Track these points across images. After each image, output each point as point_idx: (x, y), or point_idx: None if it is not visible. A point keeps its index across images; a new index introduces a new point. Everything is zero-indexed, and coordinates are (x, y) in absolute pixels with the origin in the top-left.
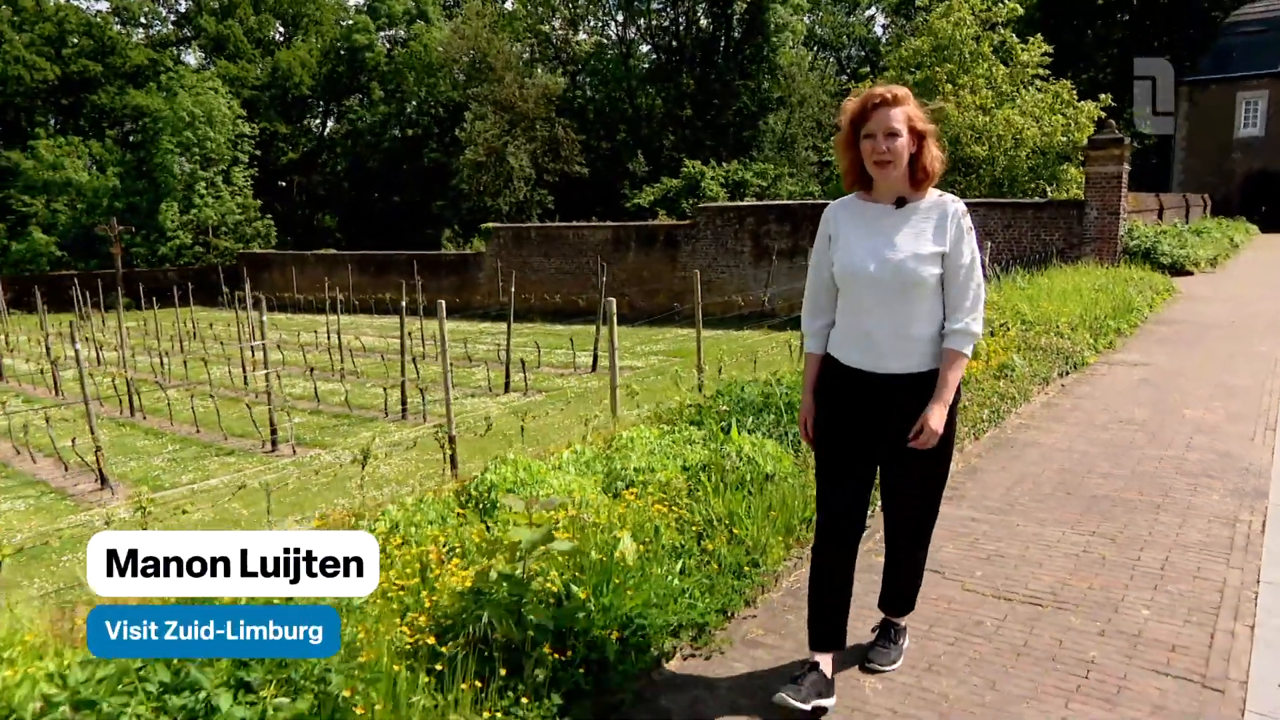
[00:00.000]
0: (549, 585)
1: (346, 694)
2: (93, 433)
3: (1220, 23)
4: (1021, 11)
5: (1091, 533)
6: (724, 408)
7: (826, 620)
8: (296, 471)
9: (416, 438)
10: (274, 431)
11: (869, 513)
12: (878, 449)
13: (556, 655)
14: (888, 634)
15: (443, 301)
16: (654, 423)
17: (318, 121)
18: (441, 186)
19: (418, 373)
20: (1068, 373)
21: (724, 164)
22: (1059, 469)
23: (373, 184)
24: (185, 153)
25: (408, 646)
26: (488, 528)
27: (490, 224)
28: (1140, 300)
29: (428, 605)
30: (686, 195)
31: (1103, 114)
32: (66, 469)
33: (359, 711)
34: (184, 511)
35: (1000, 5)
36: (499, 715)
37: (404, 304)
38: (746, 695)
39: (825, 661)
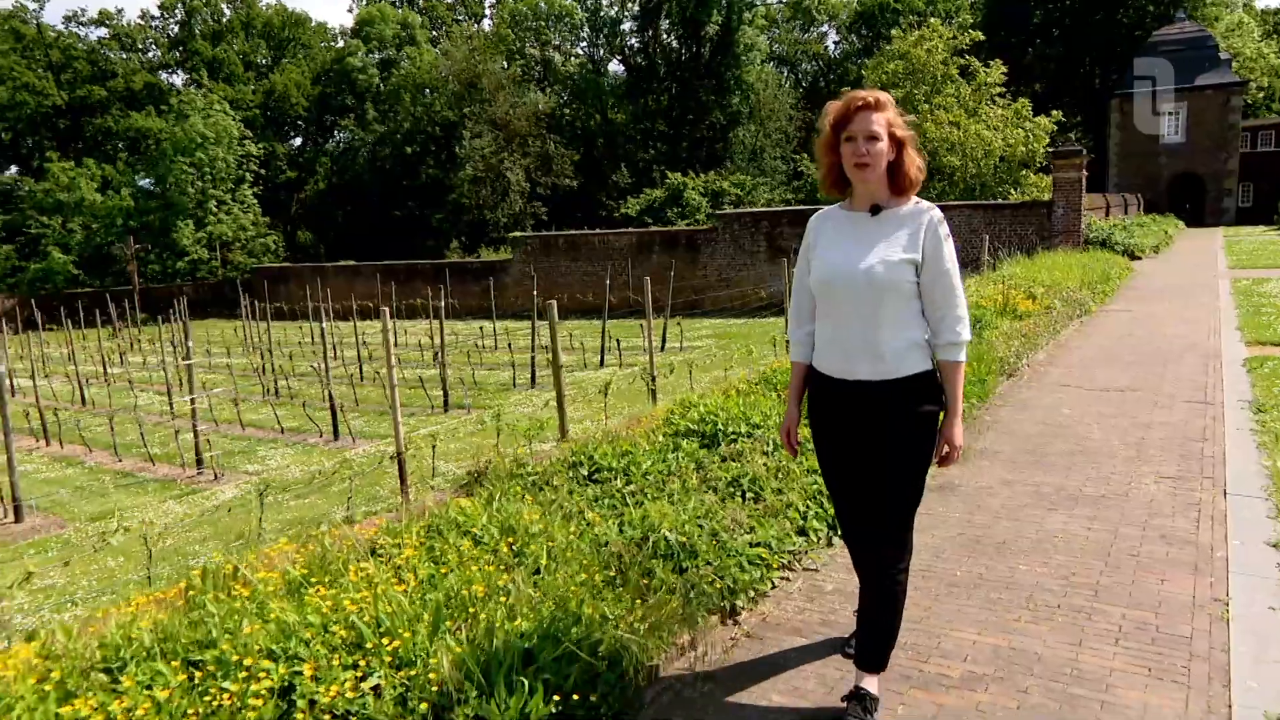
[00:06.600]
0: None
1: None
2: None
3: (1144, 42)
4: (983, 38)
5: (1134, 374)
6: None
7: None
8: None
9: (630, 375)
10: (446, 395)
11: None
12: (861, 456)
13: None
14: (861, 700)
15: (649, 278)
16: None
17: (310, 142)
18: (438, 201)
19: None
20: (1082, 316)
21: (701, 175)
22: (1102, 354)
23: (369, 199)
24: (197, 172)
25: None
26: None
27: (518, 233)
28: (1113, 273)
29: None
30: (670, 204)
31: (1054, 128)
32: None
33: None
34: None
35: (965, 33)
36: None
37: (535, 299)
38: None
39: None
